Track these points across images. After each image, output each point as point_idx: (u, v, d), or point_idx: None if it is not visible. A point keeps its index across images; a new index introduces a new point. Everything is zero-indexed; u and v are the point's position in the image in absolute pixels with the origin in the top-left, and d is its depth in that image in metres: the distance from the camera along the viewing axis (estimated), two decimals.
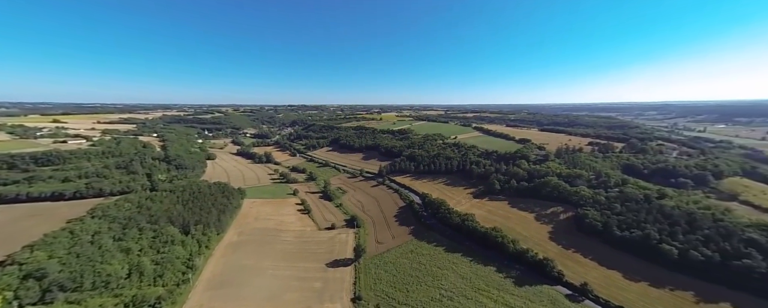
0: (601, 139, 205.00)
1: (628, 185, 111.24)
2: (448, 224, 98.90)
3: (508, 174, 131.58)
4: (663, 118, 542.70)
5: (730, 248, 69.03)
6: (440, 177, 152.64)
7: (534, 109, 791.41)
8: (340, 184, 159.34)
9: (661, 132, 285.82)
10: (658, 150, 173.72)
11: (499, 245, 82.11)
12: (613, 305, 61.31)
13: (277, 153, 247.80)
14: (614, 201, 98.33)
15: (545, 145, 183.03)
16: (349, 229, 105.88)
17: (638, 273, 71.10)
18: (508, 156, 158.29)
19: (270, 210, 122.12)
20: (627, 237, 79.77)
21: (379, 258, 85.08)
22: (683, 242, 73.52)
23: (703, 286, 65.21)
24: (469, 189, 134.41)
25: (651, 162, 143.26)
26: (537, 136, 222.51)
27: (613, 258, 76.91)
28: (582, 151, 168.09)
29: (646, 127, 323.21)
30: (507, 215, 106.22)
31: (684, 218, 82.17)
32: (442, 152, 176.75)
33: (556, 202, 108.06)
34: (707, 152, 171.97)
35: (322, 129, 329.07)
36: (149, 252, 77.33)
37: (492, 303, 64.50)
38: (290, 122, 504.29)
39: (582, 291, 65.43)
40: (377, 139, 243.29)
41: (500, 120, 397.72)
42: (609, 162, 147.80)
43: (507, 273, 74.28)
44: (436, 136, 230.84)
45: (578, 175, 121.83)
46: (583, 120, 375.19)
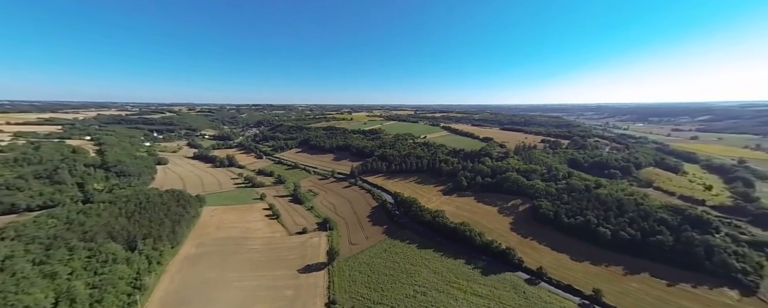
0: (551, 136, 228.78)
1: (573, 177, 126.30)
2: (420, 221, 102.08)
3: (474, 171, 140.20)
4: (598, 117, 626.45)
5: (648, 227, 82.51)
6: (411, 176, 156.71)
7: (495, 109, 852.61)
8: (310, 186, 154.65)
9: (597, 130, 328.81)
10: (595, 145, 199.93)
11: (468, 238, 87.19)
12: (563, 284, 69.25)
13: (241, 155, 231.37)
14: (562, 192, 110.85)
15: (506, 143, 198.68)
16: (322, 232, 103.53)
17: (582, 254, 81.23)
18: (474, 154, 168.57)
19: (234, 217, 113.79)
20: (573, 224, 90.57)
21: (354, 260, 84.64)
22: (614, 224, 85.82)
23: (630, 260, 76.91)
24: (439, 186, 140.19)
25: (590, 157, 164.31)
26: (498, 135, 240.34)
27: (562, 243, 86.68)
28: (536, 148, 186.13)
29: (585, 126, 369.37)
30: (473, 210, 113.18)
31: (614, 204, 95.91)
32: (413, 151, 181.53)
33: (516, 195, 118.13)
34: (630, 147, 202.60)
35: (290, 129, 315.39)
36: (83, 274, 66.74)
37: (462, 293, 68.37)
38: (255, 123, 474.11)
39: (538, 274, 72.70)
40: (348, 139, 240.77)
41: (466, 120, 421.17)
42: (557, 157, 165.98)
43: (475, 264, 79.25)
44: (406, 136, 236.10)
45: (533, 170, 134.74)
46: (537, 119, 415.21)
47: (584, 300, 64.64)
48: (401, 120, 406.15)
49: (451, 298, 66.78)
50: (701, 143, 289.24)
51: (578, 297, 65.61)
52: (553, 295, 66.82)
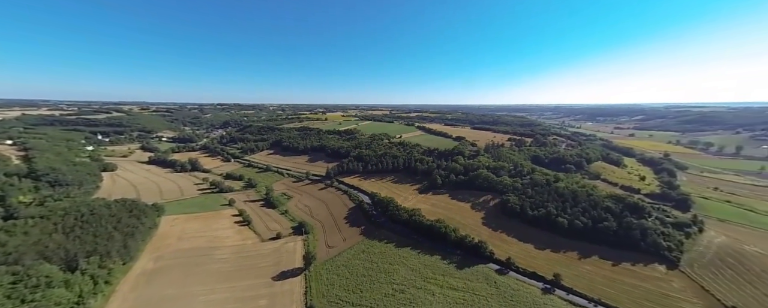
0: (516, 135, 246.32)
1: (536, 173, 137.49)
2: (397, 220, 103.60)
3: (448, 169, 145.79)
4: (556, 117, 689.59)
5: (597, 215, 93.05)
6: (388, 176, 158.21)
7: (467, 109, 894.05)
8: (284, 190, 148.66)
9: (555, 129, 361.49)
10: (554, 143, 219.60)
11: (443, 235, 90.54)
12: (529, 271, 75.23)
13: (206, 159, 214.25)
14: (527, 186, 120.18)
15: (476, 142, 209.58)
16: (297, 237, 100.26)
17: (544, 242, 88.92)
18: (448, 153, 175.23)
19: (199, 225, 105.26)
20: (536, 216, 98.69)
21: (331, 263, 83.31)
22: (570, 214, 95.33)
23: (583, 246, 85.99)
24: (414, 185, 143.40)
25: (549, 153, 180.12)
26: (470, 134, 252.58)
27: (528, 234, 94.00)
28: (504, 146, 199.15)
29: (545, 125, 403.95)
30: (448, 206, 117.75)
31: (570, 196, 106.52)
32: (389, 151, 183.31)
33: (487, 191, 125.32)
34: (582, 144, 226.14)
35: (261, 130, 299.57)
36: (8, 304, 57.01)
37: (439, 288, 70.92)
38: (221, 123, 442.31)
39: (507, 264, 78.08)
40: (323, 139, 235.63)
41: (440, 119, 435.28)
42: (522, 154, 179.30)
43: (450, 259, 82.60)
44: (382, 136, 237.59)
45: (502, 167, 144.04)
46: (504, 119, 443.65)
47: (546, 285, 70.94)
48: (377, 120, 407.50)
49: (428, 294, 68.93)
50: (637, 139, 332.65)
51: (541, 282, 71.79)
52: (520, 283, 72.28)
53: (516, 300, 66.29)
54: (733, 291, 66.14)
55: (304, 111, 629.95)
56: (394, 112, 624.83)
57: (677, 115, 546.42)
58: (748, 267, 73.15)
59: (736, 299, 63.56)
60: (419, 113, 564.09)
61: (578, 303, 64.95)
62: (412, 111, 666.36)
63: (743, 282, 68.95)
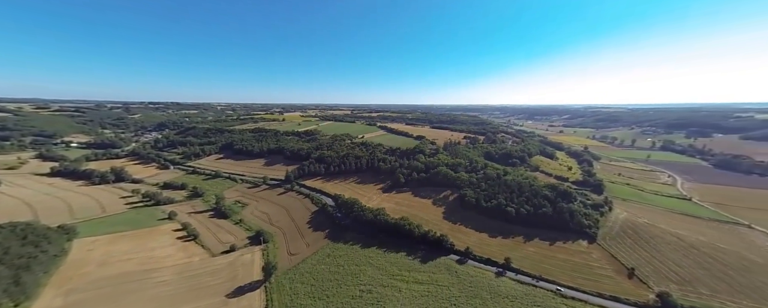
0: (471, 133, 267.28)
1: (488, 168, 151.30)
2: (363, 221, 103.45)
3: (410, 167, 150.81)
4: (503, 116, 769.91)
5: (537, 203, 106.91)
6: (351, 177, 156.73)
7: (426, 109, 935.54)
8: (238, 197, 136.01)
9: (503, 127, 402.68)
10: (502, 140, 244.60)
11: (407, 232, 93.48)
12: (484, 258, 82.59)
13: (136, 167, 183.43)
14: (481, 180, 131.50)
15: (436, 140, 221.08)
16: (255, 247, 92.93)
17: (497, 231, 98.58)
18: (409, 151, 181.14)
19: (129, 246, 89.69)
20: (489, 207, 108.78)
21: (294, 271, 79.29)
22: (517, 203, 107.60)
23: (528, 230, 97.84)
24: (378, 185, 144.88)
25: (499, 149, 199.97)
26: (430, 133, 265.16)
27: (483, 224, 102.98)
28: (460, 144, 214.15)
29: (495, 124, 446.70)
30: (411, 204, 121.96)
31: (516, 187, 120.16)
32: (351, 152, 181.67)
33: (446, 187, 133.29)
34: (525, 140, 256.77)
35: (208, 132, 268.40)
36: None
37: (405, 284, 73.09)
38: (155, 125, 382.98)
39: (466, 254, 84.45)
40: (281, 141, 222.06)
41: (401, 119, 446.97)
42: (476, 151, 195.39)
43: (415, 254, 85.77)
44: (344, 136, 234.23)
45: (459, 164, 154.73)
46: (460, 118, 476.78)
47: (499, 268, 78.85)
48: (338, 120, 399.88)
49: (395, 290, 70.53)
50: (565, 135, 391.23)
51: (495, 267, 79.52)
52: (477, 269, 78.88)
53: (474, 285, 72.15)
54: (632, 255, 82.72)
55: (259, 111, 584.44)
56: (356, 111, 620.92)
57: (593, 114, 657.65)
58: (641, 235, 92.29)
59: (634, 261, 79.67)
60: (381, 113, 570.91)
61: (525, 281, 73.72)
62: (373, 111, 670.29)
63: (638, 247, 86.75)
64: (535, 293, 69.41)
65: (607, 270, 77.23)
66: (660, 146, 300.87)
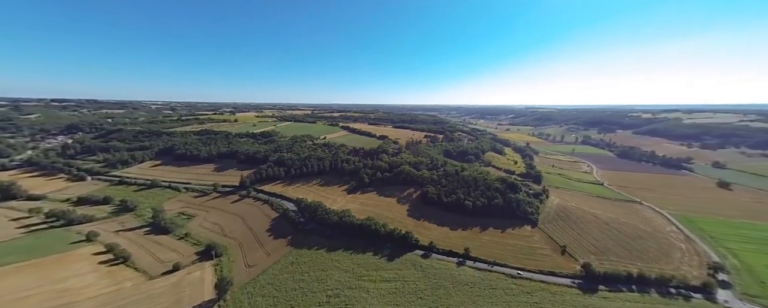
0: (431, 132, 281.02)
1: (447, 165, 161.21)
2: (328, 224, 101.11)
3: (374, 167, 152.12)
4: (459, 115, 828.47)
5: (490, 195, 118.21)
6: (314, 179, 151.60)
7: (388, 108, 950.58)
8: (183, 208, 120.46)
9: (459, 126, 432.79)
10: (459, 138, 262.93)
11: (373, 231, 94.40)
12: (446, 250, 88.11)
13: (35, 180, 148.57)
14: (442, 177, 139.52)
15: (398, 140, 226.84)
16: (205, 263, 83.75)
17: (457, 223, 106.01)
18: (373, 151, 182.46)
19: (29, 280, 72.54)
20: (450, 202, 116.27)
21: (253, 284, 73.75)
22: (473, 197, 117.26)
23: (484, 221, 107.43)
24: (342, 186, 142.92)
25: (456, 147, 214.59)
26: (392, 133, 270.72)
27: (444, 218, 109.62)
28: (421, 143, 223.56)
29: (452, 123, 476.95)
30: (376, 203, 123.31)
31: (472, 182, 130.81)
32: (313, 153, 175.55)
33: (410, 185, 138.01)
34: (478, 138, 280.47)
35: (139, 135, 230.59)
36: None
37: (372, 284, 73.86)
38: (63, 127, 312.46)
39: (430, 248, 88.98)
40: (234, 144, 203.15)
41: (363, 119, 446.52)
42: (436, 149, 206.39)
43: (381, 253, 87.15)
44: (305, 137, 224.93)
45: (421, 162, 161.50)
46: (420, 118, 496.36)
47: (459, 259, 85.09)
48: (297, 120, 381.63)
49: (362, 291, 70.82)
50: (511, 133, 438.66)
51: (456, 257, 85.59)
52: (440, 262, 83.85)
53: (438, 277, 76.63)
54: (563, 235, 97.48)
55: (205, 111, 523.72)
56: (317, 111, 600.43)
57: (532, 114, 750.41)
58: (570, 217, 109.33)
59: (565, 240, 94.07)
60: (343, 113, 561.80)
61: (482, 268, 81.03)
62: (335, 110, 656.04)
63: (568, 228, 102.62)
64: (490, 277, 76.84)
65: (546, 250, 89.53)
66: (581, 140, 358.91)
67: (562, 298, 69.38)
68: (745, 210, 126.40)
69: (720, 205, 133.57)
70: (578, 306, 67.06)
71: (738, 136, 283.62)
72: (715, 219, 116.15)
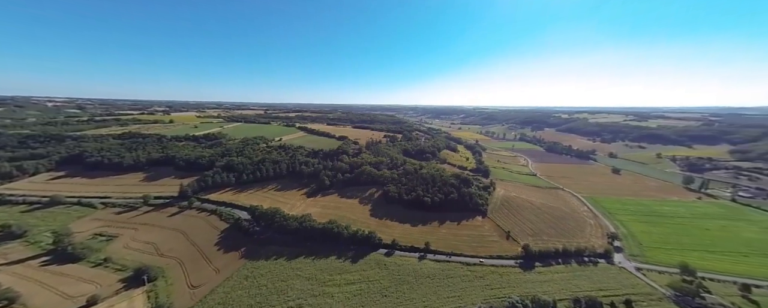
0: (390, 132, 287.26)
1: (407, 163, 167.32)
2: (287, 231, 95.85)
3: (335, 169, 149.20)
4: (415, 115, 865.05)
5: (446, 191, 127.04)
6: (270, 184, 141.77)
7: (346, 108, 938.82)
8: (101, 228, 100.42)
9: (416, 125, 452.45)
10: (417, 137, 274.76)
11: (336, 234, 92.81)
12: (408, 247, 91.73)
13: None
14: (402, 176, 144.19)
15: (358, 140, 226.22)
16: (135, 290, 71.66)
17: (417, 220, 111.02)
18: (333, 152, 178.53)
19: None
20: (410, 199, 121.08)
21: (200, 306, 65.91)
22: (432, 193, 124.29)
23: (441, 215, 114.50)
24: (302, 190, 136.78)
25: (415, 146, 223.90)
26: (352, 133, 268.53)
27: (406, 215, 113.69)
28: (381, 143, 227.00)
29: (410, 123, 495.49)
30: (338, 206, 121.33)
31: (430, 179, 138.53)
32: (268, 156, 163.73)
33: (371, 185, 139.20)
34: (434, 136, 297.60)
35: (28, 141, 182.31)
36: None
37: (337, 288, 72.77)
38: None
39: (393, 246, 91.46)
40: (171, 149, 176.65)
41: (322, 119, 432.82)
42: (396, 148, 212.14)
43: (345, 256, 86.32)
44: (258, 140, 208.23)
45: (381, 161, 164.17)
46: (379, 118, 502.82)
47: (421, 253, 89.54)
48: (249, 121, 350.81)
49: (327, 297, 69.32)
50: (463, 131, 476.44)
51: (417, 253, 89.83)
52: (403, 258, 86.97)
53: (401, 273, 79.43)
54: (507, 222, 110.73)
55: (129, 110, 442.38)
56: (271, 111, 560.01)
57: (479, 114, 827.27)
58: (512, 205, 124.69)
59: (509, 226, 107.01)
60: (300, 113, 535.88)
61: (441, 260, 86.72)
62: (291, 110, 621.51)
63: (511, 215, 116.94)
64: (449, 267, 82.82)
65: (494, 237, 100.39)
66: (519, 138, 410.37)
67: (508, 278, 78.87)
68: (629, 190, 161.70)
69: (614, 187, 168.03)
70: (520, 282, 77.13)
71: (623, 132, 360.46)
72: (611, 198, 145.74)
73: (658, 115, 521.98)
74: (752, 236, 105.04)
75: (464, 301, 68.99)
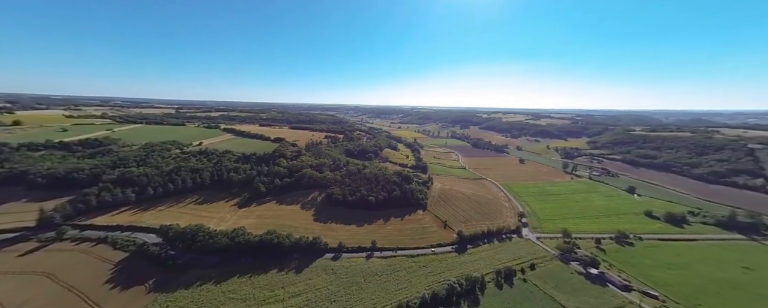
0: (331, 132, 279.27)
1: (350, 164, 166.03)
2: (213, 250, 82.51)
3: (271, 174, 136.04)
4: (356, 115, 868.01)
5: (390, 189, 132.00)
6: (189, 197, 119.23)
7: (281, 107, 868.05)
8: None
9: (358, 125, 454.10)
10: (359, 137, 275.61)
11: (276, 245, 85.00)
12: (355, 247, 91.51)
13: None
14: (345, 177, 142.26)
15: (297, 142, 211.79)
16: None
17: (363, 219, 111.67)
18: (268, 156, 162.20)
19: None
20: (355, 200, 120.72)
21: None
22: (376, 192, 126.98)
23: (386, 212, 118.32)
24: (231, 200, 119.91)
25: (357, 146, 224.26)
26: (289, 134, 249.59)
27: (351, 216, 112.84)
28: (322, 144, 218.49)
29: (351, 122, 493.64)
30: (277, 214, 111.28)
31: (374, 178, 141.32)
32: (184, 165, 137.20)
33: (313, 189, 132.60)
34: (376, 136, 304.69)
35: None
36: None
37: (279, 304, 66.73)
38: None
39: (339, 249, 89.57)
40: (19, 161, 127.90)
41: (253, 119, 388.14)
42: (338, 149, 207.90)
43: (288, 267, 79.93)
44: (169, 144, 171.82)
45: (323, 163, 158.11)
46: (319, 118, 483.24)
47: (368, 252, 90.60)
48: (153, 122, 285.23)
49: None
50: (402, 130, 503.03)
51: (365, 252, 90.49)
52: (351, 260, 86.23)
53: (349, 275, 78.64)
54: (444, 213, 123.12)
55: None
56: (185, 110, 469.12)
57: (416, 113, 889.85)
58: (447, 197, 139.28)
59: (446, 216, 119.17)
60: (225, 112, 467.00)
61: (387, 256, 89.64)
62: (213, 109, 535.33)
63: (447, 206, 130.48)
64: (395, 262, 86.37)
65: (434, 228, 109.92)
66: (451, 135, 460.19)
67: (446, 263, 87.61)
68: (530, 176, 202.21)
69: (521, 174, 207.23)
70: (456, 264, 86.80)
71: (525, 129, 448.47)
72: (519, 184, 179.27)
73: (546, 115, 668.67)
74: (600, 203, 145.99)
75: (410, 292, 73.24)
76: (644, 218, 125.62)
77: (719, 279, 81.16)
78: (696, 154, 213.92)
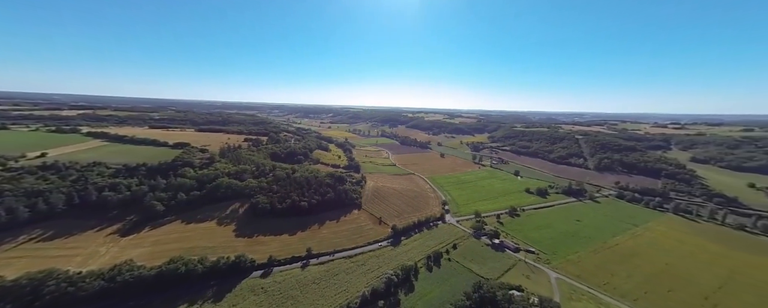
0: (252, 135, 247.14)
1: (277, 169, 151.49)
2: (79, 300, 61.20)
3: (172, 187, 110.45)
4: (282, 114, 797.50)
5: (322, 191, 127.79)
6: (25, 232, 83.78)
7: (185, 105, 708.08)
8: None
9: (284, 125, 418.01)
10: (286, 139, 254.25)
11: (185, 274, 70.07)
12: (289, 259, 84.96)
13: None
14: (272, 183, 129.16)
15: (207, 147, 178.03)
16: None
17: (296, 226, 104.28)
18: (166, 166, 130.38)
19: None
20: (284, 207, 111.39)
21: None
22: (307, 196, 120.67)
23: (321, 216, 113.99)
24: (106, 228, 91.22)
25: (284, 149, 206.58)
26: (196, 138, 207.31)
27: (281, 226, 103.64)
28: (241, 148, 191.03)
29: (275, 122, 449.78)
30: (184, 235, 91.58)
31: (305, 182, 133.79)
32: (11, 186, 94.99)
33: (233, 200, 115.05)
34: (305, 137, 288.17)
35: None
36: None
37: None
38: None
39: (270, 264, 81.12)
40: None
41: (138, 120, 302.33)
42: (262, 153, 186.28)
43: (203, 297, 67.22)
44: None
45: (244, 170, 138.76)
46: (235, 118, 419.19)
47: (303, 261, 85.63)
48: None
49: None
50: (332, 130, 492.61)
51: (300, 262, 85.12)
52: (285, 273, 79.61)
53: (283, 290, 72.65)
54: (379, 209, 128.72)
55: None
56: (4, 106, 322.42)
57: (346, 113, 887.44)
58: (381, 194, 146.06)
59: (381, 213, 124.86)
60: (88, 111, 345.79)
61: (325, 260, 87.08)
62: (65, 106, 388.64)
63: (381, 203, 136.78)
64: (334, 266, 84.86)
65: (370, 225, 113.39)
66: (381, 134, 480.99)
67: (383, 257, 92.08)
68: (449, 168, 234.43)
69: (442, 167, 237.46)
70: (392, 257, 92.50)
71: (443, 127, 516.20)
72: (441, 176, 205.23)
73: (459, 114, 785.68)
74: (498, 186, 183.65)
75: (351, 293, 73.76)
76: (525, 194, 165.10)
77: (565, 231, 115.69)
78: (550, 143, 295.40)
